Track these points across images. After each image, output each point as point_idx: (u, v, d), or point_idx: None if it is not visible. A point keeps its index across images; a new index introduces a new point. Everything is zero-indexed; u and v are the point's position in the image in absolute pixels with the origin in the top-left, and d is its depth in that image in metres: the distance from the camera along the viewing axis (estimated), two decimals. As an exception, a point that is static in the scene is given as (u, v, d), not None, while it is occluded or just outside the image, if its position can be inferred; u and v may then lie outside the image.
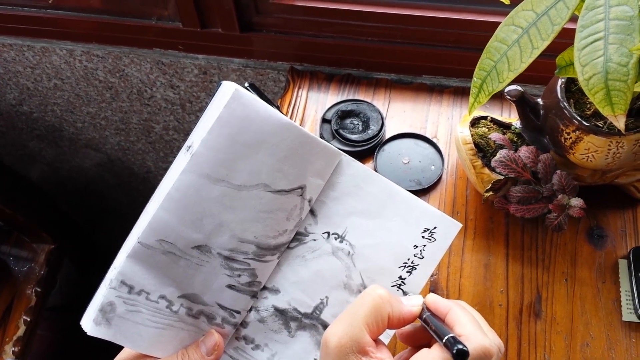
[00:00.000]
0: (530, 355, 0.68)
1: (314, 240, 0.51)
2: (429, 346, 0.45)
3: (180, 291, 0.49)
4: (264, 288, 0.51)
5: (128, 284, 0.48)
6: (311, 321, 0.51)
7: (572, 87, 0.69)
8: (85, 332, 0.48)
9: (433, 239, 0.51)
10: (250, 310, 0.51)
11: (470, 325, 0.44)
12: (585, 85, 0.50)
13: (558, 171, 0.70)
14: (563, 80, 0.68)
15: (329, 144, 0.50)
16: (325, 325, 0.51)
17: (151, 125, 1.25)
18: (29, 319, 1.19)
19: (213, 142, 0.46)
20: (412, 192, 0.78)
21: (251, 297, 0.51)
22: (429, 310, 0.47)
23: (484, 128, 0.77)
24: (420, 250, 0.51)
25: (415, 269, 0.51)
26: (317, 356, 0.50)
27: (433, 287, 0.72)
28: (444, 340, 0.42)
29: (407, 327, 0.49)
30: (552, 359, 0.67)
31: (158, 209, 0.47)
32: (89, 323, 0.47)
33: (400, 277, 0.51)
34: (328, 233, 0.51)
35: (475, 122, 0.77)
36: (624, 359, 0.67)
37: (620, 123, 0.50)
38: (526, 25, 0.55)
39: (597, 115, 0.66)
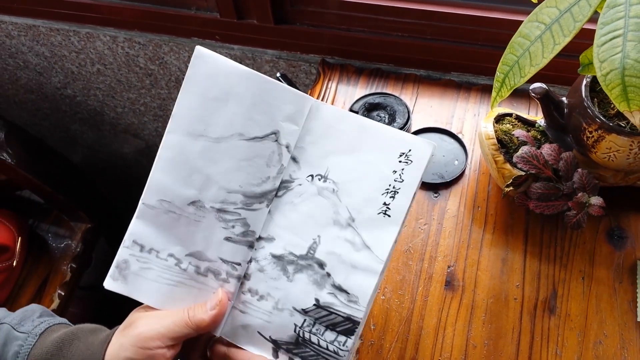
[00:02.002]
0: (542, 349, 0.68)
1: (300, 185, 0.54)
2: None
3: (187, 249, 0.53)
4: (260, 239, 0.54)
5: (139, 243, 0.53)
6: (307, 262, 0.53)
7: (597, 87, 0.69)
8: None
9: (410, 161, 0.52)
10: (250, 261, 0.54)
11: None
12: (603, 81, 0.51)
13: (579, 169, 0.70)
14: (588, 79, 0.69)
15: (297, 90, 0.53)
16: (320, 263, 0.53)
17: (187, 113, 1.29)
18: (63, 294, 1.24)
19: (186, 100, 0.52)
20: (433, 185, 0.81)
21: (248, 247, 0.54)
22: None
23: (508, 125, 0.77)
24: (400, 175, 0.52)
25: (398, 192, 0.52)
26: (317, 295, 0.52)
27: (449, 278, 0.74)
28: None
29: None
30: (564, 354, 0.68)
31: (153, 171, 0.53)
32: (108, 279, 0.54)
33: (384, 204, 0.52)
34: (312, 176, 0.54)
35: (500, 119, 0.78)
36: (637, 359, 0.67)
37: (636, 119, 0.50)
38: (549, 22, 0.56)
39: (620, 115, 0.67)
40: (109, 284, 0.54)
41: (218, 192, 0.53)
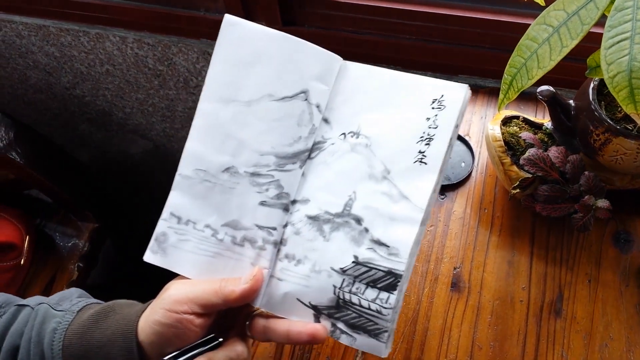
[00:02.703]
0: (548, 352, 0.68)
1: (332, 144, 0.53)
2: None
3: (223, 219, 0.53)
4: (295, 202, 0.53)
5: (176, 215, 0.54)
6: (343, 219, 0.51)
7: (604, 90, 0.69)
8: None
9: (443, 107, 0.50)
10: (285, 226, 0.53)
11: None
12: (610, 83, 0.51)
13: (586, 172, 0.70)
14: (596, 82, 0.69)
15: (325, 49, 0.53)
16: (357, 219, 0.51)
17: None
18: (70, 293, 1.24)
19: (217, 67, 0.53)
20: (440, 186, 0.81)
21: (283, 211, 0.53)
22: None
23: (515, 127, 0.78)
24: (433, 121, 0.50)
25: (432, 139, 0.50)
26: (356, 252, 0.50)
27: (455, 279, 0.74)
28: None
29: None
30: (569, 357, 0.68)
31: (188, 141, 0.53)
32: (147, 252, 0.54)
33: (420, 152, 0.50)
34: (344, 134, 0.53)
35: (507, 121, 0.78)
36: (643, 362, 0.67)
37: (642, 122, 0.51)
38: (557, 25, 0.57)
39: (627, 118, 0.67)
40: (149, 257, 0.54)
41: (251, 155, 0.53)
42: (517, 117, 0.79)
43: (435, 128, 0.50)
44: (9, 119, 1.16)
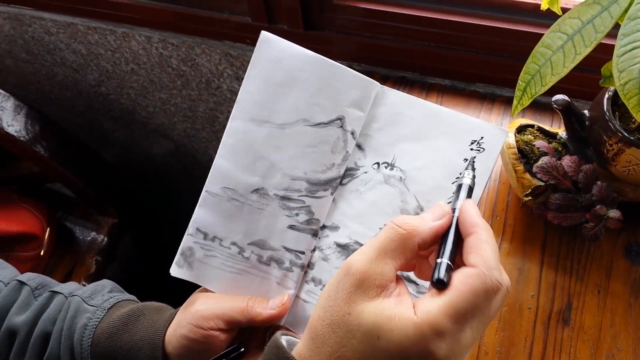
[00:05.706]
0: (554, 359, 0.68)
1: (365, 172, 0.53)
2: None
3: (249, 238, 0.54)
4: (324, 227, 0.53)
5: (202, 230, 0.54)
6: None
7: (619, 101, 0.69)
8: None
9: (482, 149, 0.50)
10: (314, 250, 0.53)
11: (490, 259, 0.39)
12: (621, 90, 0.51)
13: (599, 182, 0.70)
14: (610, 93, 0.69)
15: (362, 75, 0.52)
16: None
17: (216, 114, 1.32)
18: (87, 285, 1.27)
19: (251, 86, 0.52)
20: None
21: (312, 236, 0.53)
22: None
23: (530, 135, 0.78)
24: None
25: None
26: None
27: (464, 284, 0.74)
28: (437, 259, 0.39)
29: None
30: (575, 366, 0.68)
31: (217, 158, 0.52)
32: (173, 266, 0.54)
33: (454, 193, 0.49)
34: (378, 163, 0.52)
35: (522, 129, 0.79)
36: (650, 374, 0.67)
37: (652, 130, 0.51)
38: (571, 32, 0.57)
39: (641, 128, 0.67)
40: (175, 271, 0.55)
41: (282, 179, 0.53)
42: (532, 126, 0.79)
43: (473, 170, 0.48)
44: (36, 112, 1.20)
